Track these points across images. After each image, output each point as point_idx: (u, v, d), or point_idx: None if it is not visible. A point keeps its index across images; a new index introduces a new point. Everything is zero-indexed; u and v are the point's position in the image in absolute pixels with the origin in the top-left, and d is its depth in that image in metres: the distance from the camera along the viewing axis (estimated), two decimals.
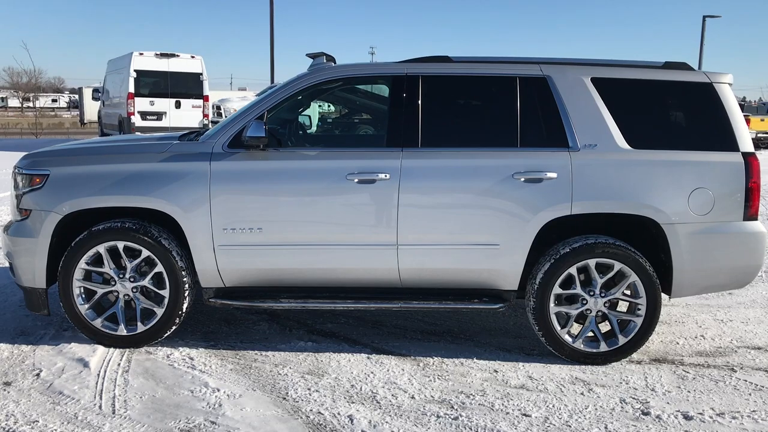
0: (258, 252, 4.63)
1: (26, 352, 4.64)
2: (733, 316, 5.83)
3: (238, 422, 3.72)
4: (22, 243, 4.67)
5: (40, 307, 4.76)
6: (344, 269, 4.68)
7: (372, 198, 4.58)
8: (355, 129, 6.28)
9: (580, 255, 4.55)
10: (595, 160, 4.58)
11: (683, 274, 4.62)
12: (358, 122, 6.32)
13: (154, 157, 4.67)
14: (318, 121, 8.55)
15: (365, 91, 5.72)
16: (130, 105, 18.84)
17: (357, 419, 3.79)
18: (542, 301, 4.59)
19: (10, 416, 3.73)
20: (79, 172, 4.65)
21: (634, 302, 4.63)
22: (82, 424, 3.67)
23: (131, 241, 4.59)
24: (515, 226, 4.56)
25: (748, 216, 4.64)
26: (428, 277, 4.72)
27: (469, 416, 3.87)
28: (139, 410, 3.85)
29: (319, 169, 4.62)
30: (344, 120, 6.58)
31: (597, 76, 4.72)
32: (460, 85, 4.83)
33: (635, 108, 4.74)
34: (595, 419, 3.88)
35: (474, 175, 4.58)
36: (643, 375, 4.51)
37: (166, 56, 19.29)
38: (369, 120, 6.02)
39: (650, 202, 4.53)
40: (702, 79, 4.73)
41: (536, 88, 4.70)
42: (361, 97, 5.76)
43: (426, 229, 4.60)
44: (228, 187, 4.57)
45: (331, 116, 7.95)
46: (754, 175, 4.60)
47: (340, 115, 7.02)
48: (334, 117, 7.18)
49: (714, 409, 4.02)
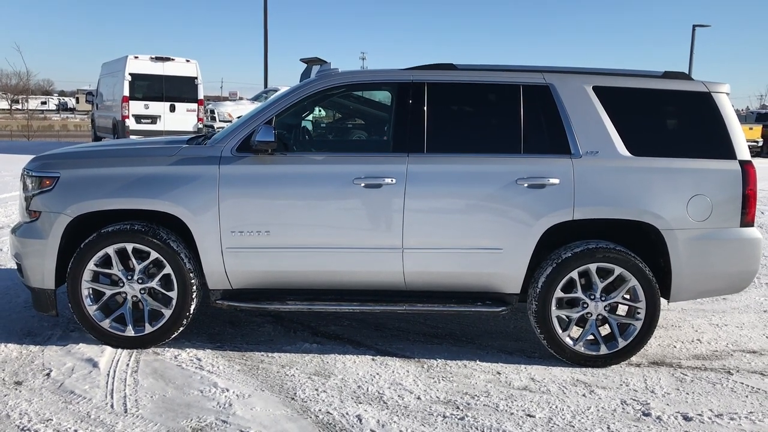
0: (265, 254, 4.70)
1: (35, 352, 4.68)
2: (728, 320, 5.95)
3: (249, 421, 3.79)
4: (31, 244, 4.72)
5: (48, 308, 4.80)
6: (350, 272, 4.75)
7: (378, 202, 4.66)
8: (362, 134, 6.37)
9: (581, 259, 4.64)
10: (597, 167, 4.68)
11: (682, 278, 4.72)
12: (364, 128, 6.40)
13: (163, 161, 4.73)
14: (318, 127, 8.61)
15: (370, 99, 5.81)
16: (125, 108, 18.86)
17: (365, 419, 3.86)
18: (544, 304, 4.68)
19: (24, 414, 3.78)
20: (88, 175, 4.70)
21: (634, 306, 4.74)
22: (95, 423, 3.72)
23: (140, 243, 4.65)
24: (518, 231, 4.66)
25: (745, 222, 4.75)
26: (432, 281, 4.81)
27: (474, 416, 3.95)
28: (151, 409, 3.90)
29: (326, 173, 4.70)
30: (350, 125, 6.66)
31: (598, 84, 4.83)
32: (465, 92, 4.93)
33: (635, 116, 4.85)
34: (598, 420, 3.97)
35: (478, 181, 4.67)
36: (642, 377, 4.61)
37: (161, 60, 19.33)
38: (375, 126, 6.11)
39: (650, 209, 4.64)
40: (700, 88, 4.85)
41: (539, 95, 4.80)
42: (366, 104, 5.85)
43: (431, 233, 4.69)
44: (236, 191, 4.64)
45: (324, 121, 8.00)
46: (751, 183, 4.72)
47: (340, 120, 7.08)
48: (335, 122, 7.25)
49: (712, 411, 4.12)
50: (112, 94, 20.12)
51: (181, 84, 19.60)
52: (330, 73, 4.96)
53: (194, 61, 19.84)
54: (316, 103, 5.33)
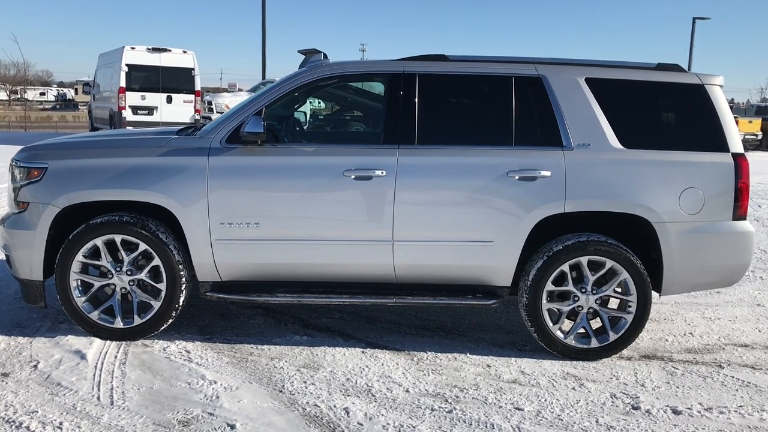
0: (255, 247, 4.67)
1: (23, 344, 4.66)
2: (720, 314, 5.93)
3: (236, 414, 3.77)
4: (19, 235, 4.70)
5: (36, 299, 4.78)
6: (340, 264, 4.73)
7: (368, 194, 4.63)
8: (352, 126, 6.34)
9: (572, 252, 4.62)
10: (589, 159, 4.65)
11: (673, 272, 4.70)
12: (355, 119, 6.37)
13: (152, 152, 4.70)
14: (309, 118, 8.57)
15: (362, 89, 5.77)
16: (122, 99, 18.79)
17: (353, 412, 3.85)
18: (535, 297, 4.66)
19: (9, 406, 3.76)
20: (77, 166, 4.67)
21: (625, 299, 4.72)
22: (80, 415, 3.70)
23: (129, 234, 4.62)
24: (509, 224, 4.63)
25: (737, 216, 4.73)
26: (423, 273, 4.78)
27: (462, 409, 3.93)
28: (137, 402, 3.89)
29: (316, 165, 4.67)
30: (341, 117, 6.62)
31: (591, 76, 4.79)
32: (457, 84, 4.89)
33: (628, 108, 4.82)
34: (587, 413, 3.95)
35: (469, 173, 4.64)
36: (633, 371, 4.59)
37: (158, 51, 19.24)
38: (366, 117, 6.08)
39: (642, 201, 4.61)
40: (694, 80, 4.81)
41: (531, 87, 4.77)
42: (357, 95, 5.81)
43: (421, 226, 4.66)
44: (225, 182, 4.61)
45: (323, 113, 7.97)
46: (743, 176, 4.69)
47: (332, 112, 7.06)
48: (326, 114, 7.21)
49: (702, 404, 4.11)
50: (109, 85, 20.04)
51: (178, 75, 19.50)
52: (320, 63, 4.92)
53: (191, 52, 19.75)
54: (308, 94, 5.30)
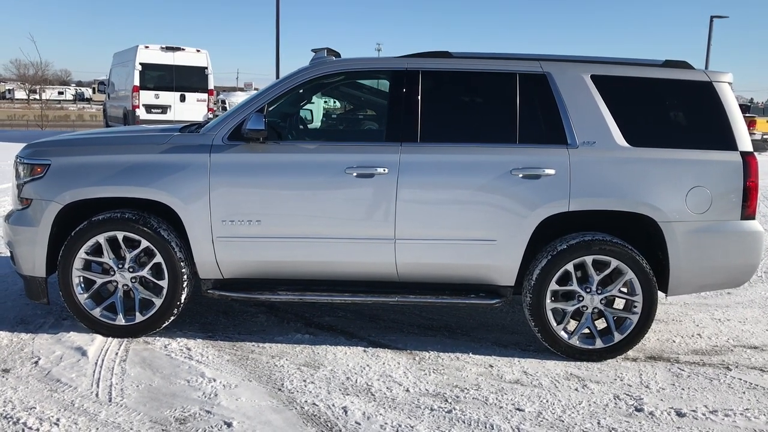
0: (256, 244, 4.66)
1: (25, 340, 4.68)
2: (730, 315, 5.83)
3: (233, 412, 3.75)
4: (22, 232, 4.71)
5: (39, 295, 4.79)
6: (342, 262, 4.70)
7: (370, 192, 4.60)
8: (355, 123, 6.30)
9: (576, 252, 4.56)
10: (594, 158, 4.59)
11: (680, 272, 4.62)
12: (358, 116, 6.33)
13: (154, 149, 4.70)
14: (322, 117, 8.57)
15: (365, 86, 5.74)
16: (135, 98, 18.89)
17: (351, 411, 3.81)
18: (539, 297, 4.61)
19: (8, 402, 3.77)
20: (80, 162, 4.68)
21: (631, 300, 4.64)
22: (78, 411, 3.70)
23: (131, 231, 4.62)
24: (513, 222, 4.58)
25: (746, 215, 4.64)
26: (425, 272, 4.74)
27: (462, 410, 3.89)
28: (136, 399, 3.88)
29: (318, 162, 4.64)
30: (344, 114, 6.59)
31: (597, 73, 4.72)
32: (460, 81, 4.84)
33: (634, 106, 4.74)
34: (588, 414, 3.90)
35: (472, 171, 4.59)
36: (638, 372, 4.52)
37: (172, 50, 19.32)
38: (368, 114, 6.04)
39: (648, 200, 4.54)
40: (702, 77, 4.73)
41: (536, 84, 4.71)
42: (360, 92, 5.78)
43: (423, 224, 4.62)
44: (227, 180, 4.59)
45: (336, 112, 7.96)
46: (752, 175, 4.60)
47: (345, 111, 7.03)
48: (339, 113, 7.19)
49: (707, 407, 4.03)
50: (123, 84, 20.15)
51: (191, 74, 19.59)
52: (323, 61, 4.89)
53: (205, 51, 19.82)
54: (311, 91, 5.27)
